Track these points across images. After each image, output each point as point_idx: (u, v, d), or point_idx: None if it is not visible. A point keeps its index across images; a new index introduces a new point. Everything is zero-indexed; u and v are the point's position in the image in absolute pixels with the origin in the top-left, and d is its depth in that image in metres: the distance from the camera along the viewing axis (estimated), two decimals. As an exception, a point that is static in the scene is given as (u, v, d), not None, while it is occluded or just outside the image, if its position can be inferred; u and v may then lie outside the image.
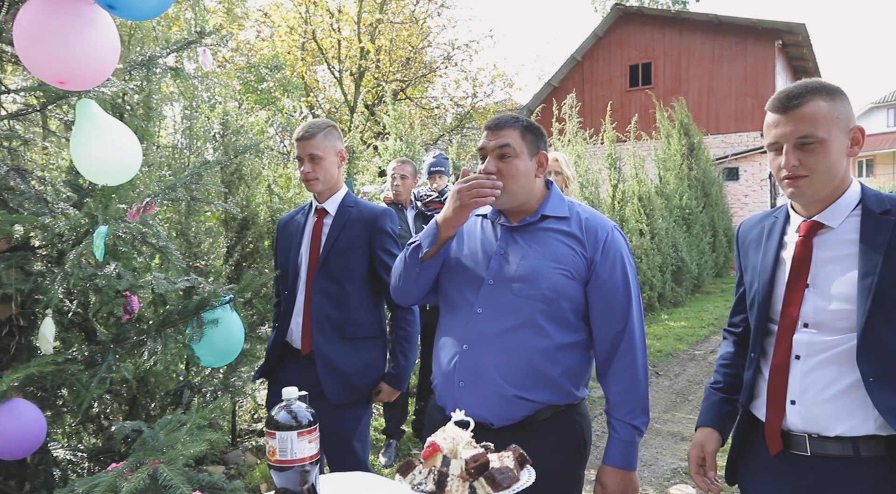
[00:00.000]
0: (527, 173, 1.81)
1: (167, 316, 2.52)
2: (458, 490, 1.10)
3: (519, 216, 1.87)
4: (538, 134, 1.86)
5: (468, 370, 1.77)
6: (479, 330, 1.78)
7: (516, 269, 1.79)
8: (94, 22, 1.73)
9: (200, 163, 2.56)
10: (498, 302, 1.78)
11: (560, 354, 1.77)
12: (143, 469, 1.69)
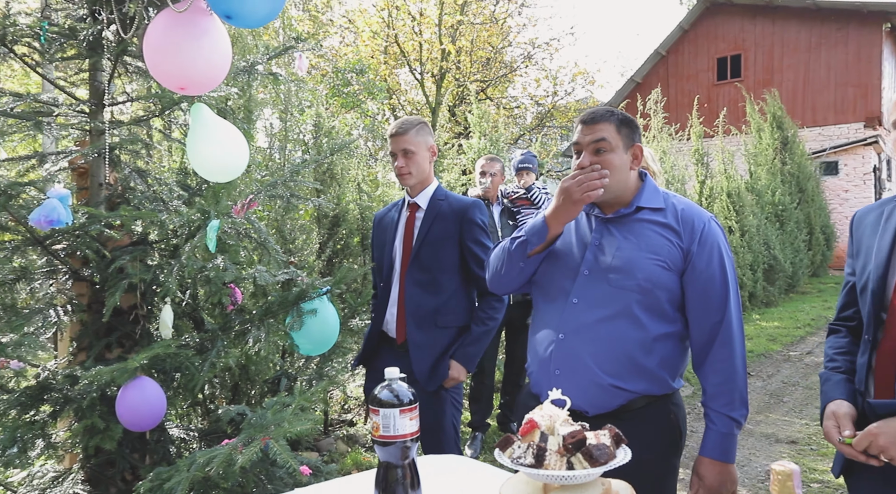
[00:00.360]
0: (622, 167, 1.82)
1: (269, 306, 2.68)
2: (555, 465, 1.15)
3: (613, 208, 1.88)
4: (633, 126, 1.87)
5: (564, 359, 1.80)
6: (575, 319, 1.80)
7: (612, 260, 1.81)
8: (209, 32, 1.89)
9: (299, 161, 2.71)
10: (594, 292, 1.81)
11: (656, 344, 1.78)
12: (255, 443, 1.83)
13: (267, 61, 2.92)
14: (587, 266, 1.84)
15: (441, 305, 2.64)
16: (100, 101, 2.63)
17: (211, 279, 2.56)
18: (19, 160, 2.62)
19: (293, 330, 2.54)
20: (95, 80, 2.63)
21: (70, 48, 2.47)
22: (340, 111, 7.73)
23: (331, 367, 3.45)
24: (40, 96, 2.66)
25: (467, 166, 5.96)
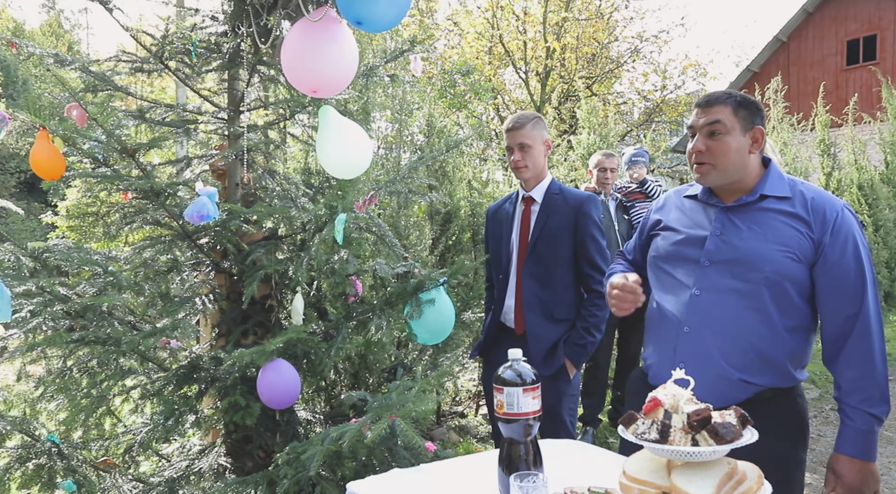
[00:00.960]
0: (739, 150, 1.76)
1: (389, 296, 2.83)
2: (680, 441, 1.17)
3: (734, 195, 1.83)
4: (753, 109, 1.80)
5: (690, 353, 1.77)
6: (700, 312, 1.78)
7: (735, 252, 1.76)
8: (340, 38, 2.04)
9: (416, 158, 2.84)
10: (718, 284, 1.77)
11: (785, 337, 1.73)
12: (382, 421, 1.96)
13: (384, 64, 3.07)
14: (707, 256, 1.79)
15: (557, 298, 2.69)
16: (237, 108, 2.87)
17: (336, 270, 2.74)
18: (171, 164, 2.91)
19: (412, 319, 2.67)
20: (233, 88, 2.88)
21: (214, 61, 2.72)
22: (448, 112, 7.91)
23: (445, 358, 3.58)
24: (187, 106, 2.94)
25: (575, 162, 5.93)
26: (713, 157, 1.77)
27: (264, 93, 2.91)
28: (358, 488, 1.62)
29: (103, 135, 2.47)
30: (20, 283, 2.19)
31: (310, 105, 2.75)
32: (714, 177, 1.79)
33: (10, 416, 2.41)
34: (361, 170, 2.50)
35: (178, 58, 2.63)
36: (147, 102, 2.85)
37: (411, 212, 4.15)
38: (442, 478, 1.68)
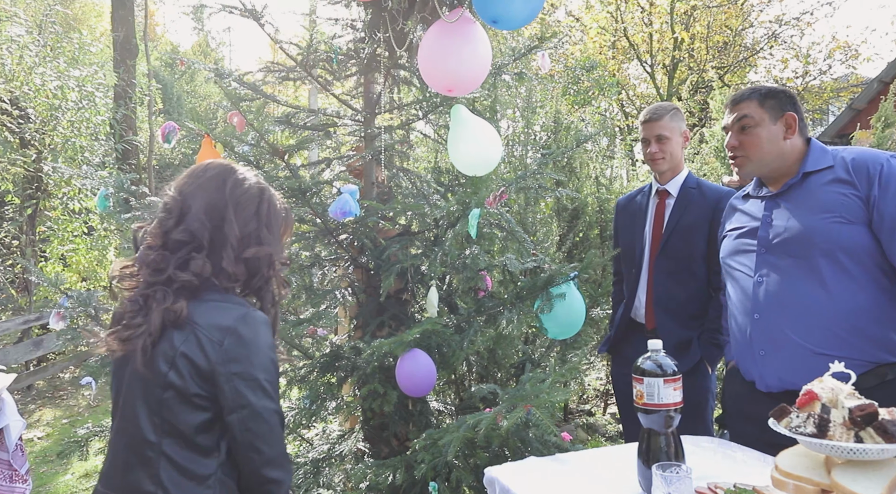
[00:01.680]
0: (771, 139, 1.86)
1: (519, 291, 2.86)
2: (841, 437, 1.11)
3: (780, 181, 1.90)
4: (781, 97, 1.88)
5: (766, 338, 1.81)
6: (766, 297, 1.81)
7: (785, 232, 1.81)
8: (474, 38, 2.09)
9: (545, 154, 2.85)
10: (776, 267, 1.81)
11: (857, 303, 1.70)
12: (518, 410, 1.99)
13: (512, 62, 3.11)
14: (762, 243, 1.86)
15: (689, 294, 2.60)
16: (372, 110, 3.02)
17: (467, 265, 2.81)
18: (313, 165, 3.12)
19: (543, 313, 2.68)
20: (369, 92, 3.04)
21: (352, 67, 2.88)
22: (572, 109, 7.80)
23: (573, 354, 3.56)
24: (327, 110, 3.14)
25: (708, 156, 5.67)
26: (745, 150, 1.89)
27: (398, 96, 3.04)
28: (496, 473, 1.67)
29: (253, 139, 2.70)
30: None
31: (441, 105, 2.84)
32: (750, 167, 1.90)
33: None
34: (491, 167, 2.55)
35: (320, 65, 2.81)
36: (291, 108, 3.07)
37: (538, 208, 4.15)
38: (578, 467, 1.69)
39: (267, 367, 1.33)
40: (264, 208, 1.46)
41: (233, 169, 1.48)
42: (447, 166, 3.49)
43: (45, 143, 8.77)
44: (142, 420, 1.31)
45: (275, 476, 1.34)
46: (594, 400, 4.90)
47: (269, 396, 1.33)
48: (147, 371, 1.31)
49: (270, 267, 1.45)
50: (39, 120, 8.64)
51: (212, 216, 1.40)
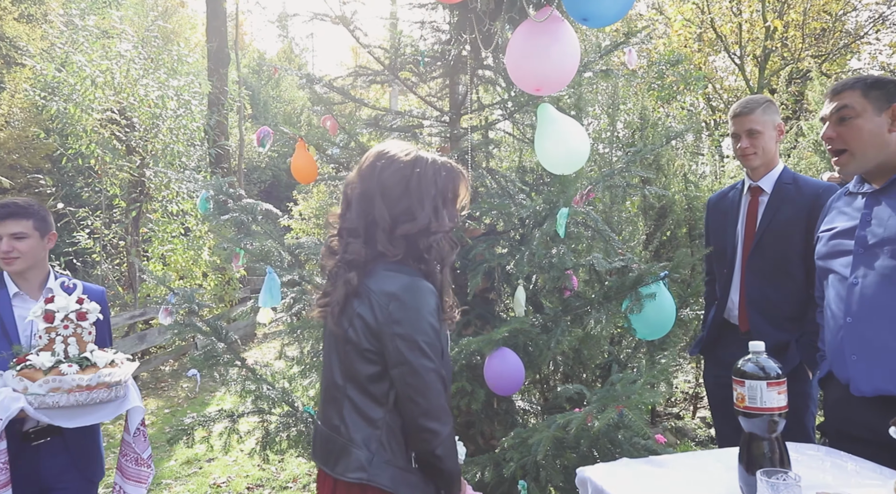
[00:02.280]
0: (873, 131, 1.76)
1: (607, 291, 2.82)
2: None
3: (883, 177, 1.80)
4: (890, 88, 1.77)
5: (858, 343, 1.73)
6: (860, 300, 1.73)
7: (885, 231, 1.71)
8: (562, 37, 2.08)
9: (633, 151, 2.80)
10: (874, 268, 1.71)
11: None
12: (610, 410, 1.97)
13: (598, 59, 3.07)
14: (860, 243, 1.77)
15: (787, 296, 2.48)
16: (458, 111, 3.06)
17: (554, 265, 2.80)
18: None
19: (632, 313, 2.64)
20: (454, 93, 3.07)
21: (438, 69, 2.93)
22: (656, 105, 7.59)
23: (662, 356, 3.47)
24: (413, 112, 3.20)
25: (805, 150, 5.39)
26: (845, 142, 1.79)
27: (482, 96, 3.06)
28: (590, 473, 1.66)
29: (342, 141, 2.78)
30: (286, 273, 2.55)
31: (527, 104, 2.84)
32: (853, 165, 1.79)
33: (278, 388, 2.81)
34: (579, 165, 2.52)
35: (407, 68, 2.87)
36: (379, 110, 3.15)
37: (624, 207, 4.08)
38: (674, 470, 1.65)
39: (425, 330, 1.50)
40: (413, 184, 1.61)
41: (383, 153, 1.66)
42: (531, 165, 3.48)
43: (147, 150, 9.35)
44: (334, 368, 1.62)
45: (430, 427, 1.51)
46: (682, 403, 4.76)
47: (426, 356, 1.50)
48: (336, 329, 1.58)
49: (428, 237, 1.60)
50: (143, 128, 9.21)
51: (364, 205, 1.62)
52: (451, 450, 1.55)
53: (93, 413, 2.02)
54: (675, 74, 8.75)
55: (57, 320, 2.05)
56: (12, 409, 1.89)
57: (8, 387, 1.96)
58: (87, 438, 2.27)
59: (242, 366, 2.85)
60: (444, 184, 1.66)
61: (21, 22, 15.95)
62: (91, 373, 1.98)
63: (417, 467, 1.58)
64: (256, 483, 4.67)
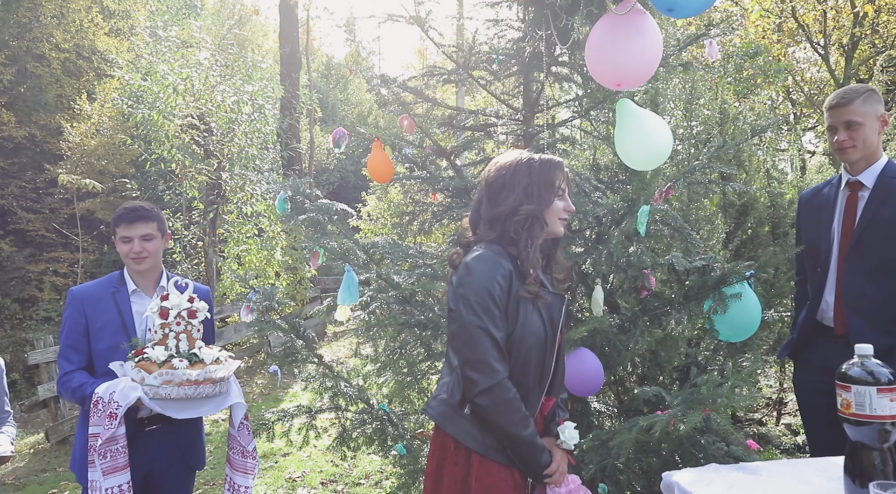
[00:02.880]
0: None
1: (687, 290, 2.73)
2: None
3: None
4: None
5: None
6: None
7: None
8: (643, 30, 2.03)
9: (716, 146, 2.70)
10: None
11: None
12: (696, 413, 1.90)
13: (678, 52, 2.98)
14: None
15: (890, 297, 2.33)
16: (532, 108, 3.03)
17: (632, 263, 2.73)
18: (472, 165, 3.17)
19: (715, 314, 2.54)
20: (528, 90, 3.04)
21: (512, 66, 2.90)
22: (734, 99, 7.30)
23: (744, 359, 3.33)
24: (486, 110, 3.19)
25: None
26: None
27: (558, 93, 3.02)
28: (678, 478, 1.60)
29: (415, 140, 2.79)
30: (364, 272, 2.58)
31: (604, 101, 2.78)
32: None
33: (354, 385, 2.85)
34: (660, 161, 2.45)
35: (482, 66, 2.86)
36: (452, 110, 3.15)
37: (702, 204, 3.94)
38: (770, 478, 1.58)
39: (479, 292, 1.72)
40: (509, 177, 1.86)
41: (496, 161, 1.94)
42: (606, 162, 3.41)
43: (224, 153, 9.70)
44: None
45: (470, 375, 1.71)
46: (764, 408, 4.56)
47: (475, 313, 1.71)
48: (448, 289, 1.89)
49: (516, 216, 1.82)
50: (220, 132, 9.57)
51: (475, 204, 1.96)
52: (499, 406, 1.69)
53: (199, 407, 2.13)
54: (754, 67, 8.41)
55: (171, 316, 2.17)
56: (131, 397, 2.03)
57: (127, 377, 2.10)
58: (192, 428, 2.42)
59: (320, 363, 2.91)
60: (539, 173, 1.86)
61: (111, 36, 16.88)
62: (199, 369, 2.09)
63: (470, 414, 1.76)
64: (330, 479, 4.76)
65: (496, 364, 1.69)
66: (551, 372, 1.85)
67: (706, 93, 4.61)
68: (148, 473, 2.32)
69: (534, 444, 1.73)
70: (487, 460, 1.75)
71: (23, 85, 15.66)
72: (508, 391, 1.70)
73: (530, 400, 1.80)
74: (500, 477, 1.75)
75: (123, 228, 2.36)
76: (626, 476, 2.22)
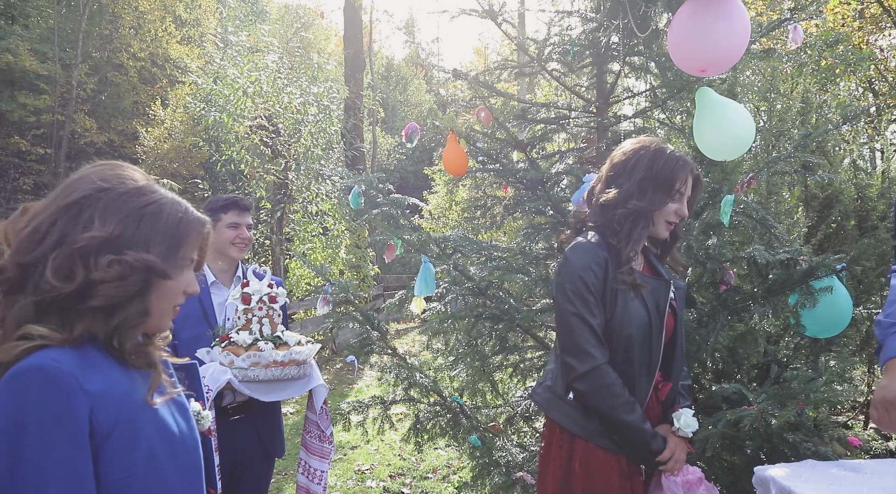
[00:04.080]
0: None
1: (771, 284, 2.64)
2: None
3: None
4: None
5: None
6: None
7: None
8: (730, 13, 1.97)
9: (802, 134, 2.60)
10: None
11: None
12: (790, 408, 1.84)
13: (759, 38, 2.88)
14: None
15: None
16: (605, 100, 2.99)
17: (711, 256, 2.66)
18: (546, 157, 3.16)
19: (803, 308, 2.45)
20: (602, 81, 3.00)
21: (586, 58, 2.87)
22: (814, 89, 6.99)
23: (830, 357, 3.19)
24: (558, 103, 3.16)
25: None
26: None
27: (634, 84, 2.97)
28: (773, 473, 1.56)
29: (488, 132, 2.79)
30: (440, 263, 2.60)
31: (682, 90, 2.72)
32: None
33: (429, 376, 2.88)
34: (742, 151, 2.38)
35: (555, 58, 2.84)
36: (525, 103, 3.14)
37: (782, 197, 3.79)
38: (875, 477, 1.51)
39: (573, 280, 1.75)
40: (631, 164, 1.84)
41: (628, 142, 1.93)
42: (681, 154, 3.33)
43: (290, 153, 9.95)
44: None
45: (568, 361, 1.74)
46: (850, 411, 4.35)
47: (569, 300, 1.74)
48: None
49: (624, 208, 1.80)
50: (287, 133, 9.82)
51: (596, 181, 1.97)
52: (598, 391, 1.70)
53: (285, 389, 2.19)
54: (834, 56, 8.04)
55: (253, 302, 2.25)
56: (221, 380, 2.09)
57: (215, 362, 2.16)
58: (272, 416, 2.48)
59: (394, 354, 2.95)
60: (660, 169, 1.81)
61: (182, 44, 17.59)
62: (284, 350, 2.14)
63: (573, 400, 1.78)
64: (398, 472, 4.82)
65: (592, 349, 1.70)
66: (660, 357, 1.83)
67: (783, 83, 4.43)
68: (234, 465, 2.38)
69: (640, 430, 1.71)
70: (592, 445, 1.75)
71: (103, 93, 16.49)
72: (607, 376, 1.71)
73: (638, 386, 1.78)
74: (605, 463, 1.74)
75: (234, 214, 2.47)
76: (712, 471, 2.16)
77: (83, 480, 0.93)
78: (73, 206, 1.03)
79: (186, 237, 1.11)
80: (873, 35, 11.85)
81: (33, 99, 14.85)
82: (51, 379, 0.93)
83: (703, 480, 1.76)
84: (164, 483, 1.04)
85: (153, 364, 1.12)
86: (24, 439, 0.90)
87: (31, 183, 15.43)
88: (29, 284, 0.99)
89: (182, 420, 1.13)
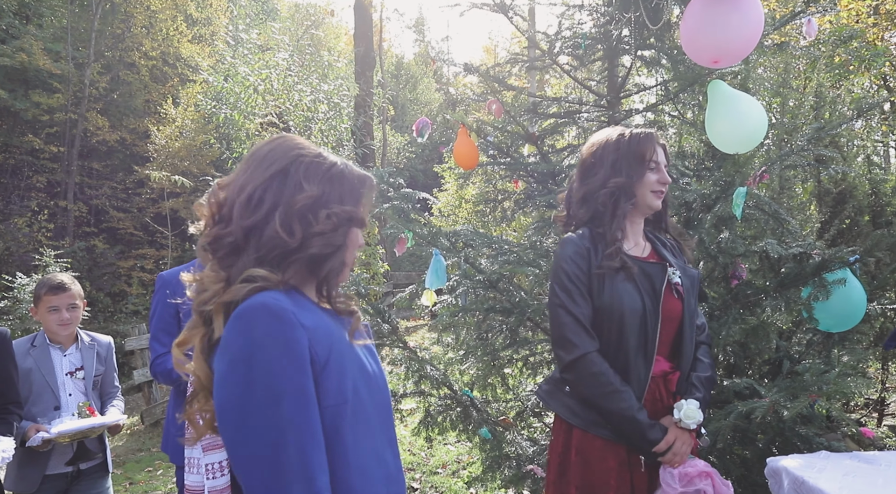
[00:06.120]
0: None
1: (783, 278, 2.62)
2: None
3: None
4: None
5: None
6: None
7: None
8: (743, 3, 1.97)
9: (815, 127, 2.58)
10: None
11: None
12: (802, 399, 1.83)
13: (772, 31, 2.87)
14: None
15: None
16: (617, 94, 2.98)
17: (723, 250, 2.65)
18: (557, 151, 3.15)
19: (816, 301, 2.43)
20: (613, 75, 3.00)
21: (597, 51, 2.87)
22: (828, 85, 6.93)
23: (843, 352, 3.17)
24: (570, 97, 3.16)
25: None
26: None
27: (644, 78, 2.96)
28: (786, 463, 1.55)
29: (499, 126, 2.79)
30: (451, 256, 2.61)
31: (693, 83, 2.71)
32: None
33: (439, 370, 2.89)
34: (755, 144, 2.37)
35: (566, 52, 2.84)
36: (535, 97, 3.14)
37: (794, 192, 3.77)
38: (890, 469, 1.50)
39: (556, 272, 1.81)
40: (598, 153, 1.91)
41: (590, 139, 1.99)
42: (692, 149, 3.32)
43: (301, 151, 9.99)
44: None
45: (556, 352, 1.81)
46: (862, 408, 4.32)
47: (555, 294, 1.80)
48: None
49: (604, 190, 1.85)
50: (297, 130, 9.86)
51: (570, 183, 2.02)
52: (584, 380, 1.73)
53: None
54: (847, 52, 7.97)
55: None
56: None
57: None
58: None
59: (405, 348, 2.96)
60: (627, 147, 1.87)
61: (193, 43, 17.67)
62: None
63: (570, 390, 1.81)
64: (407, 467, 4.83)
65: (575, 339, 1.74)
66: (656, 342, 1.79)
67: (796, 80, 4.40)
68: None
69: (632, 419, 1.70)
70: (590, 435, 1.76)
71: (115, 92, 16.59)
72: (593, 364, 1.73)
73: (634, 372, 1.76)
74: (602, 452, 1.74)
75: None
76: (723, 463, 2.16)
77: (310, 398, 1.06)
78: (279, 174, 1.19)
79: (362, 193, 1.26)
80: (888, 31, 11.73)
81: (46, 97, 14.96)
82: (274, 313, 1.07)
83: (709, 474, 1.70)
84: (367, 415, 1.17)
85: (353, 311, 1.28)
86: (255, 365, 1.04)
87: (44, 181, 15.56)
88: (251, 243, 1.16)
89: (374, 363, 1.27)
